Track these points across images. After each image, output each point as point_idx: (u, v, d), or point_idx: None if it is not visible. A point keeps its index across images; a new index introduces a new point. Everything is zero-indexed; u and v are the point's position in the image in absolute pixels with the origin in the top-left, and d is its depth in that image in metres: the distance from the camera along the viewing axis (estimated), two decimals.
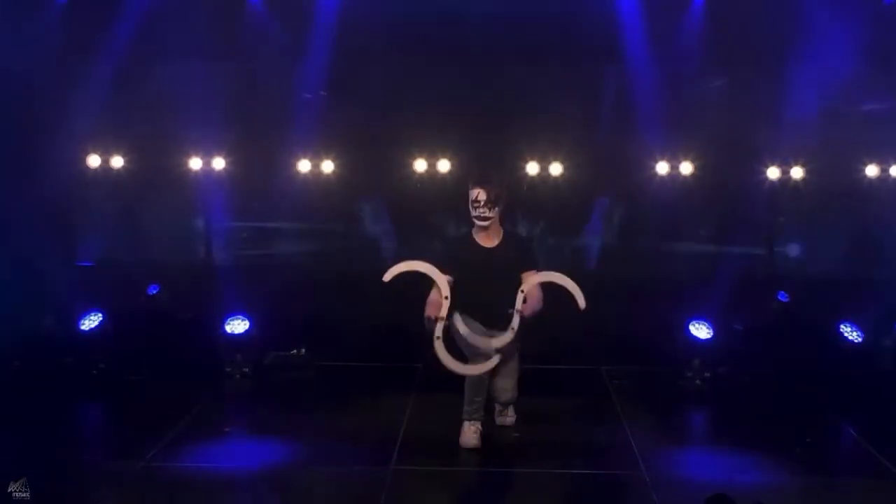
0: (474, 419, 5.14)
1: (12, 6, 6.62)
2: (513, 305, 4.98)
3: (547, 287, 5.12)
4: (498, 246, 5.16)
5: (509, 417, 5.39)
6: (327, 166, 6.96)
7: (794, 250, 7.08)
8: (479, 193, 5.02)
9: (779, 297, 6.71)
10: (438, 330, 4.92)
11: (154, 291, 6.88)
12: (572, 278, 5.05)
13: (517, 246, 5.22)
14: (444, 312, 4.93)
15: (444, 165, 6.82)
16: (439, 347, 4.92)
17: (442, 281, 4.98)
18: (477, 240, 5.18)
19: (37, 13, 6.76)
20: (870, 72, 6.52)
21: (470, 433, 5.14)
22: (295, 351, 6.80)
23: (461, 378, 5.07)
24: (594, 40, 6.60)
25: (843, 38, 6.36)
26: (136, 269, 6.91)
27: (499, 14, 6.50)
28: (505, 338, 4.97)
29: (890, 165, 6.81)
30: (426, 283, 5.12)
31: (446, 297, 4.94)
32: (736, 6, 6.59)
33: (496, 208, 5.06)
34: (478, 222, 5.10)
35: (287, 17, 6.80)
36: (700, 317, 6.60)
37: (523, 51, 6.69)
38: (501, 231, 5.22)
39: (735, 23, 6.55)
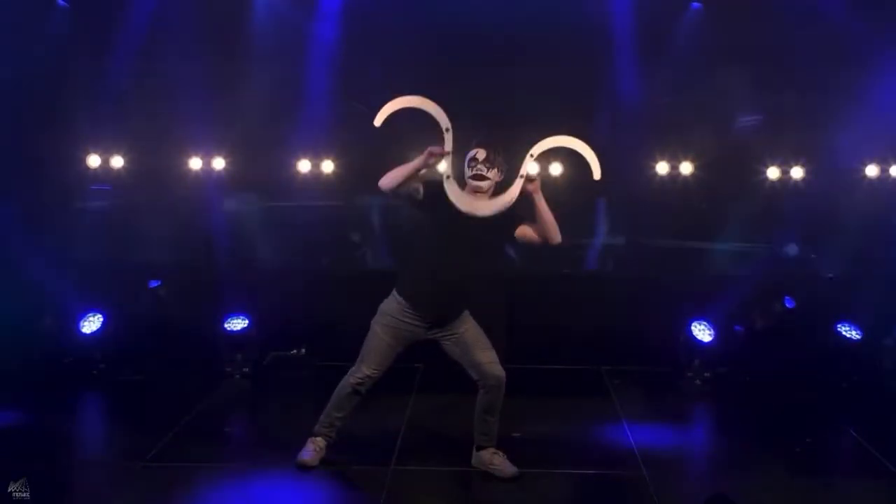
0: (324, 435, 4.90)
1: (14, 7, 6.63)
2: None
3: (547, 284, 5.08)
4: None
5: (506, 467, 4.82)
6: (327, 166, 6.97)
7: (793, 250, 7.08)
8: (478, 152, 4.59)
9: (785, 303, 6.69)
10: (447, 169, 4.51)
11: (155, 285, 6.86)
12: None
13: (504, 213, 4.61)
14: (448, 146, 4.53)
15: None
16: (451, 185, 4.51)
17: (441, 115, 4.52)
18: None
19: (38, 14, 6.76)
20: (870, 71, 6.52)
21: (310, 449, 4.88)
22: (295, 351, 6.80)
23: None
24: (594, 39, 6.60)
25: (843, 37, 6.36)
26: (136, 269, 6.90)
27: (498, 14, 6.51)
28: (510, 192, 4.53)
29: (890, 165, 6.82)
30: None
31: (447, 129, 4.54)
32: (735, 6, 6.60)
33: (494, 170, 4.59)
34: (472, 182, 4.59)
35: (288, 17, 6.80)
36: (701, 318, 6.60)
37: (523, 51, 6.69)
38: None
39: (735, 22, 6.56)
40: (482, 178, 4.59)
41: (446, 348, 4.81)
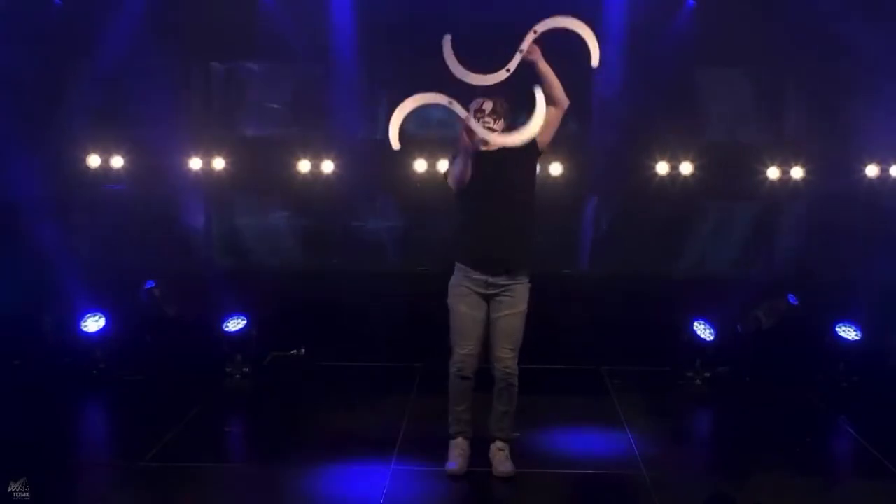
0: (459, 434, 4.85)
1: (12, 6, 6.62)
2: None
3: (546, 284, 5.07)
4: (498, 149, 4.57)
5: (500, 464, 4.82)
6: (327, 166, 6.97)
7: (793, 250, 7.07)
8: (485, 103, 4.58)
9: (789, 300, 6.68)
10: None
11: (150, 286, 6.82)
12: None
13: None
14: (462, 113, 4.41)
15: (444, 165, 6.83)
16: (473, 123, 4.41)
17: (436, 99, 4.43)
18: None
19: (36, 13, 6.76)
20: (869, 70, 6.52)
21: (453, 455, 4.85)
22: (295, 351, 6.81)
23: None
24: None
25: (841, 37, 6.36)
26: (136, 269, 6.90)
27: (493, 12, 6.50)
28: (497, 75, 4.39)
29: (890, 165, 6.82)
30: (426, 287, 5.08)
31: (451, 102, 4.42)
32: (732, 5, 6.60)
33: (501, 120, 4.59)
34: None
35: (289, 16, 6.80)
36: (702, 317, 6.60)
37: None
38: None
39: (733, 21, 6.55)
40: (490, 129, 4.55)
41: (493, 307, 4.69)
